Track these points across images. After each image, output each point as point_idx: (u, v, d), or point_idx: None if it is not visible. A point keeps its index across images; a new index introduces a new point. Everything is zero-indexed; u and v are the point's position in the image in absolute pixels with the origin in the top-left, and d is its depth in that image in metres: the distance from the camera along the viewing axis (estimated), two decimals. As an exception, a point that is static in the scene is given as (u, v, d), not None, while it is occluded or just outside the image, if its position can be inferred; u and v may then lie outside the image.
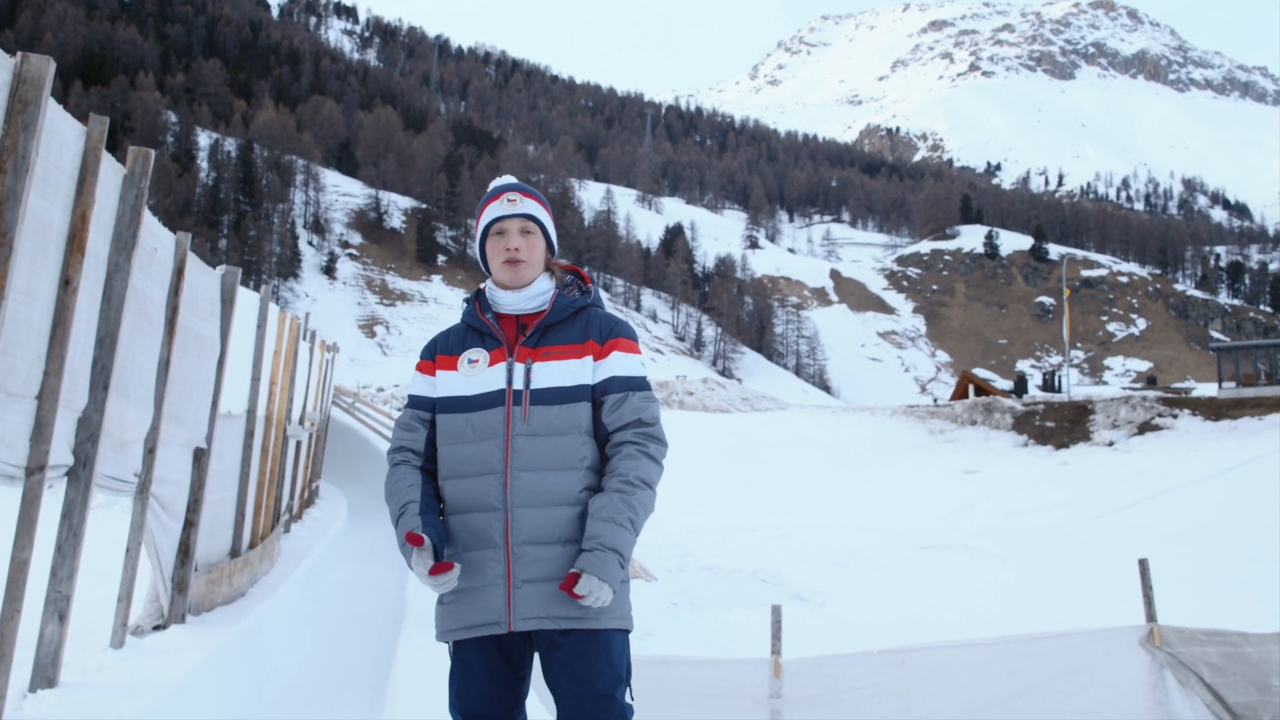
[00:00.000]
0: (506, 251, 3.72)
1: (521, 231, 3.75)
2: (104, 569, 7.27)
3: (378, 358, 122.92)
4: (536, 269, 3.76)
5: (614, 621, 3.50)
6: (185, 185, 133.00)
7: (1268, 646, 7.13)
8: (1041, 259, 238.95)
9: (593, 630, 3.45)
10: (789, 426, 46.95)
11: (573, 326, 3.69)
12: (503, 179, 3.91)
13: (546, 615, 3.43)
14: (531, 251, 3.74)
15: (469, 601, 3.51)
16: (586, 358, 3.62)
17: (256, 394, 10.56)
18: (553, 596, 3.43)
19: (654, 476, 3.56)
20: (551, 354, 3.61)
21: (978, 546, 21.72)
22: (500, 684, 3.54)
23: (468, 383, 3.63)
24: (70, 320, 4.74)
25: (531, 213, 3.78)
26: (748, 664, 7.07)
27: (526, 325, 3.70)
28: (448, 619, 3.57)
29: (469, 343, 3.73)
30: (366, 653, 9.84)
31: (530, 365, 3.59)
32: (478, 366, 3.64)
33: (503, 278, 3.73)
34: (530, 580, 3.45)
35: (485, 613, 3.47)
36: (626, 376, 3.63)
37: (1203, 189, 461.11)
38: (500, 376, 3.60)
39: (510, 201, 3.77)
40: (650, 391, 3.69)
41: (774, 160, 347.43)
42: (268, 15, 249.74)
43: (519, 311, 3.72)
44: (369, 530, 19.40)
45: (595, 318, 3.73)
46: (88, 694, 5.28)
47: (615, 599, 3.49)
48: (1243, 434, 36.38)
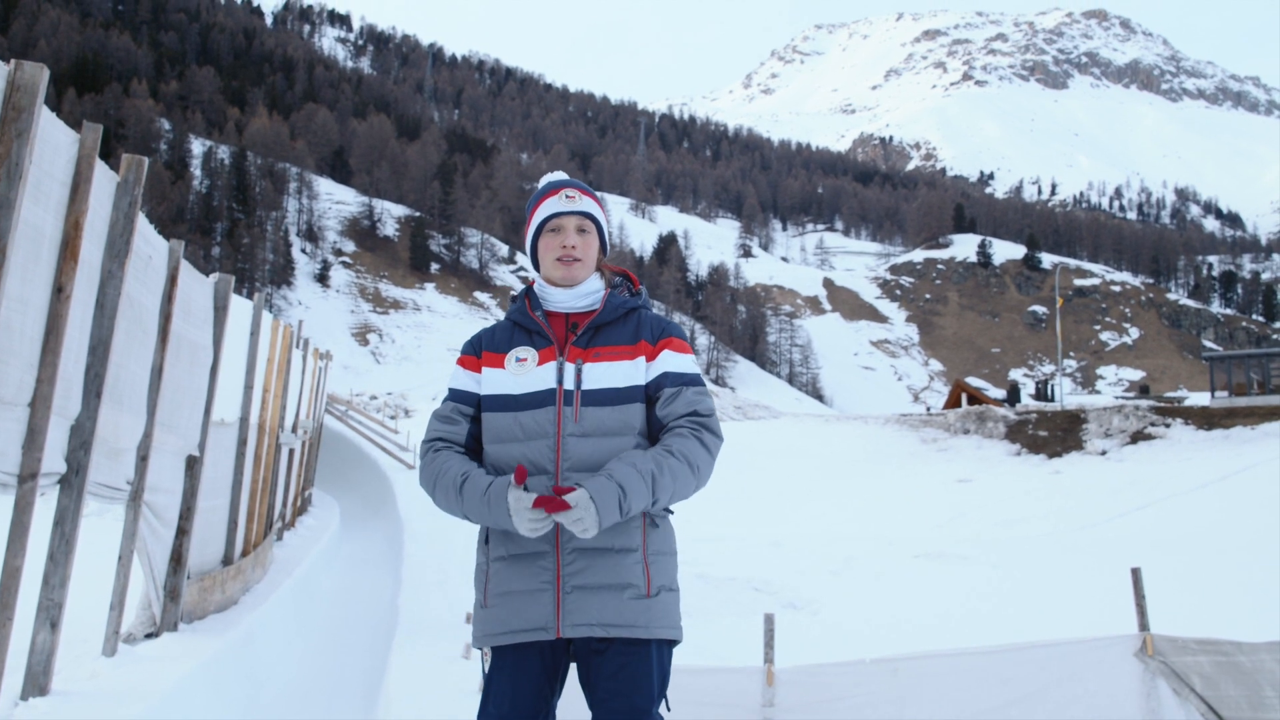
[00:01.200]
0: (562, 249, 3.67)
1: (578, 229, 3.71)
2: (96, 577, 7.25)
3: (371, 366, 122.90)
4: (590, 268, 3.72)
5: (663, 631, 3.44)
6: (179, 193, 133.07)
7: (1261, 656, 7.13)
8: (1034, 268, 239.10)
9: (641, 640, 3.40)
10: (782, 435, 46.95)
11: (624, 327, 3.65)
12: (556, 174, 3.86)
13: (597, 623, 3.36)
14: (587, 250, 3.70)
15: (516, 606, 3.43)
16: (639, 359, 3.58)
17: (249, 402, 10.56)
18: (604, 604, 3.36)
19: (698, 459, 3.46)
20: (603, 354, 3.56)
21: (971, 555, 21.72)
22: (536, 691, 3.46)
23: (516, 381, 3.56)
24: (63, 328, 4.73)
25: (589, 211, 3.74)
26: (741, 672, 7.06)
27: (577, 324, 3.65)
28: (490, 623, 3.49)
29: (516, 340, 3.66)
30: (359, 660, 9.83)
31: (581, 365, 3.54)
32: (526, 365, 3.57)
33: (555, 275, 3.67)
34: (580, 587, 3.38)
35: (533, 618, 3.40)
36: (680, 373, 3.60)
37: (1195, 198, 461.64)
38: (550, 376, 3.54)
39: (569, 198, 3.72)
40: (705, 388, 3.65)
41: (767, 169, 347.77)
42: (262, 23, 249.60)
43: (570, 310, 3.68)
44: (362, 538, 19.40)
45: (646, 319, 3.69)
46: (80, 701, 5.27)
47: (667, 608, 3.47)
48: (1235, 443, 36.38)
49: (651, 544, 3.49)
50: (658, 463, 3.38)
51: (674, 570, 3.58)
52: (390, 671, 7.70)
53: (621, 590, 3.38)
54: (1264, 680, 7.04)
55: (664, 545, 3.56)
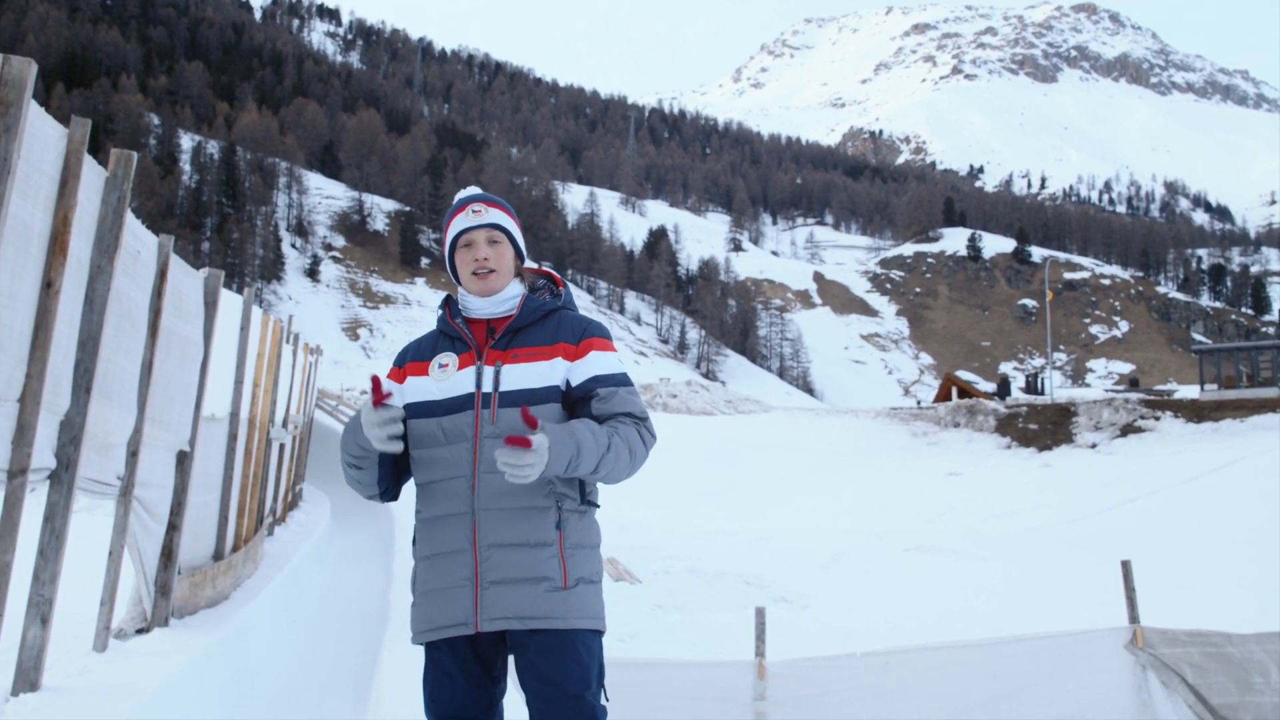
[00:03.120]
0: (475, 262, 3.72)
1: (489, 241, 3.75)
2: (86, 572, 7.24)
3: (361, 360, 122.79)
4: (506, 276, 3.76)
5: (583, 621, 3.49)
6: (168, 188, 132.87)
7: (1249, 647, 7.16)
8: (1024, 261, 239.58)
9: (561, 630, 3.44)
10: (772, 429, 46.99)
11: (543, 329, 3.69)
12: (467, 191, 3.91)
13: (514, 616, 3.43)
14: (500, 260, 3.75)
15: (438, 603, 3.53)
16: (556, 359, 3.61)
17: (240, 397, 10.54)
18: (519, 598, 3.43)
19: (636, 448, 3.54)
20: (520, 356, 3.61)
21: (961, 549, 21.78)
22: (474, 685, 3.55)
23: (438, 387, 3.63)
24: (52, 323, 4.72)
25: (497, 222, 3.78)
26: (732, 666, 7.08)
27: (496, 329, 3.70)
28: (418, 621, 3.60)
29: (440, 348, 3.74)
30: (350, 656, 9.82)
31: (499, 368, 3.59)
32: (448, 370, 3.65)
33: (473, 288, 3.72)
34: (498, 581, 3.45)
35: (453, 614, 3.48)
36: (610, 374, 3.63)
37: (1184, 192, 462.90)
38: (469, 380, 3.60)
39: (475, 213, 3.77)
40: (634, 388, 3.70)
41: (757, 163, 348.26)
42: (250, 17, 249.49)
43: (489, 316, 3.73)
44: (353, 533, 19.37)
45: (566, 320, 3.73)
46: (70, 697, 5.26)
47: (585, 600, 3.52)
48: (1225, 436, 36.49)
49: (569, 538, 3.55)
50: (610, 438, 3.44)
51: (596, 563, 3.63)
52: (382, 667, 7.70)
53: (537, 583, 3.45)
54: (1253, 670, 7.08)
55: (584, 539, 3.61)
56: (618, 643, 11.08)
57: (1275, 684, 7.06)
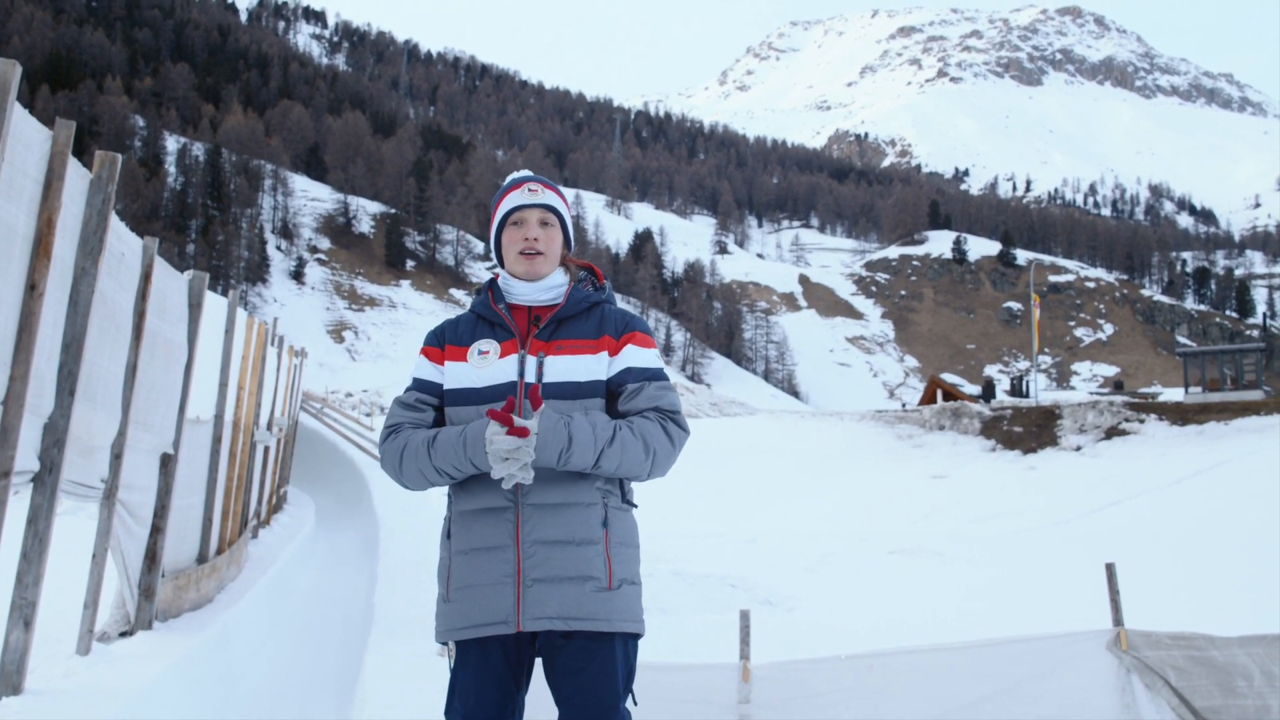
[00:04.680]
0: (525, 241, 3.67)
1: (541, 223, 3.70)
2: (70, 575, 7.23)
3: (346, 363, 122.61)
4: (553, 262, 3.71)
5: (625, 624, 3.42)
6: (153, 190, 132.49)
7: (1233, 650, 7.17)
8: (1009, 264, 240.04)
9: (602, 633, 3.38)
10: (758, 431, 46.99)
11: (587, 321, 3.64)
12: (521, 171, 3.85)
13: (559, 616, 3.34)
14: (550, 244, 3.70)
15: (476, 600, 3.42)
16: (601, 353, 3.57)
17: (224, 399, 10.52)
18: (565, 597, 3.34)
19: (657, 442, 3.47)
20: (565, 348, 3.55)
21: (946, 551, 21.77)
22: (501, 690, 3.45)
23: (478, 374, 3.55)
24: (36, 325, 4.72)
25: (552, 204, 3.73)
26: (716, 669, 7.06)
27: (540, 317, 3.64)
28: (452, 617, 3.49)
29: (479, 333, 3.66)
30: (334, 658, 9.81)
31: (543, 358, 3.53)
32: (488, 358, 3.57)
33: (518, 269, 3.68)
34: (541, 580, 3.36)
35: (493, 611, 3.38)
36: (642, 368, 3.58)
37: (1169, 195, 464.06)
38: (512, 368, 3.53)
39: (531, 191, 3.72)
40: (669, 383, 3.63)
41: (743, 166, 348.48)
42: (236, 19, 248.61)
43: (533, 303, 3.67)
44: (337, 536, 19.37)
45: (610, 314, 3.69)
46: (53, 700, 5.26)
47: (629, 601, 3.46)
48: (1209, 439, 36.56)
49: (614, 536, 3.48)
50: (615, 431, 3.38)
51: (636, 563, 3.57)
52: (366, 669, 7.69)
53: (583, 583, 3.37)
54: (1236, 673, 7.10)
55: (626, 537, 3.54)
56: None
57: (1259, 688, 7.07)
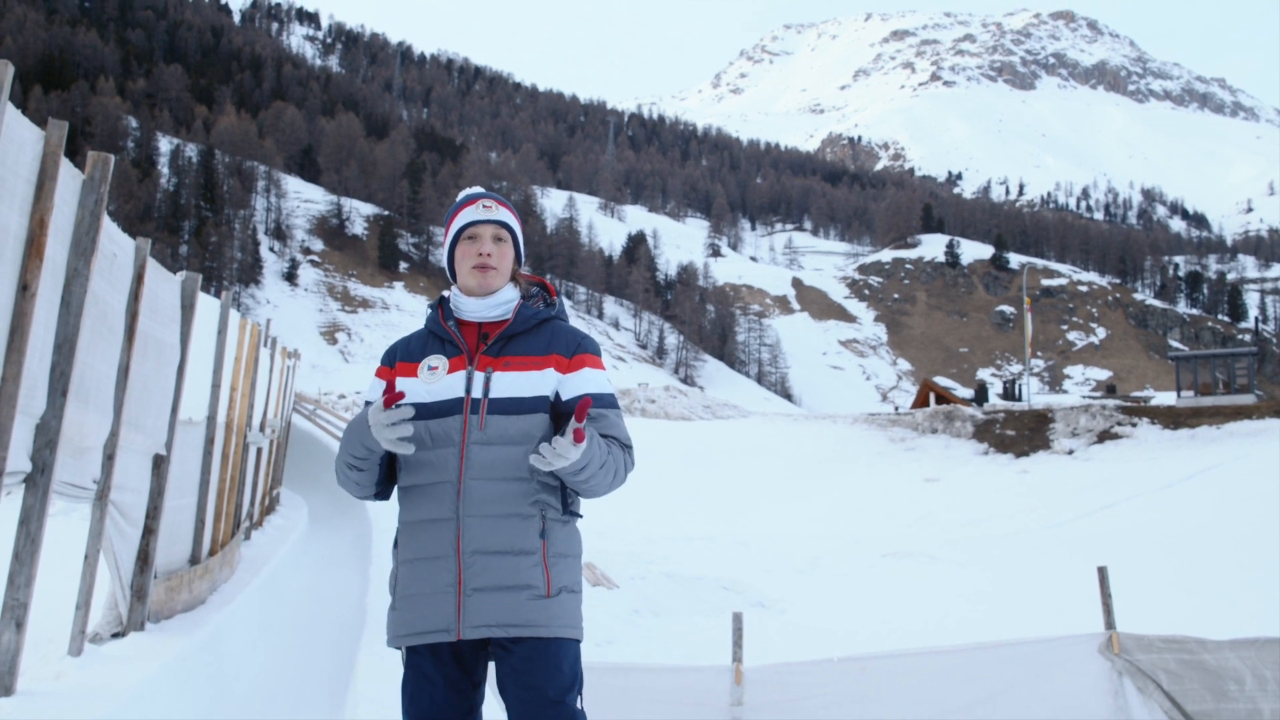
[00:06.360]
0: (478, 256, 3.72)
1: (494, 238, 3.76)
2: (62, 576, 7.21)
3: (339, 365, 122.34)
4: (504, 277, 3.77)
5: (564, 631, 3.50)
6: (146, 191, 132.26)
7: (1224, 653, 7.18)
8: (1002, 268, 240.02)
9: (543, 639, 3.45)
10: (751, 434, 47.05)
11: (536, 338, 3.68)
12: (475, 188, 3.91)
13: (496, 623, 3.43)
14: (502, 259, 3.76)
15: (420, 608, 3.51)
16: (548, 370, 3.61)
17: (217, 401, 10.51)
18: (502, 605, 3.43)
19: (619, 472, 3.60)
20: (512, 364, 3.60)
21: (938, 554, 21.81)
22: (454, 691, 3.54)
23: (427, 389, 3.61)
24: (28, 326, 4.71)
25: (505, 221, 3.79)
26: (709, 671, 7.08)
27: (489, 334, 3.69)
28: (398, 625, 3.57)
29: (429, 349, 3.71)
30: (327, 660, 9.80)
31: (490, 374, 3.58)
32: (437, 373, 3.62)
33: (470, 283, 3.72)
34: (480, 589, 3.45)
35: (435, 620, 3.47)
36: (600, 394, 3.64)
37: (1162, 199, 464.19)
38: (459, 384, 3.59)
39: (485, 208, 3.78)
40: (620, 410, 3.73)
41: (736, 169, 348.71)
42: (229, 20, 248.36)
43: (482, 319, 3.71)
44: (330, 537, 19.33)
45: (560, 331, 3.73)
46: (45, 701, 5.25)
47: (566, 608, 3.53)
48: (1201, 443, 36.63)
49: (552, 546, 3.56)
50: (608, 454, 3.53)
51: (577, 572, 3.65)
52: (358, 671, 7.68)
53: (520, 591, 3.46)
54: (1228, 677, 7.10)
55: (566, 548, 3.63)
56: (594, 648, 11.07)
57: (1250, 691, 7.08)
